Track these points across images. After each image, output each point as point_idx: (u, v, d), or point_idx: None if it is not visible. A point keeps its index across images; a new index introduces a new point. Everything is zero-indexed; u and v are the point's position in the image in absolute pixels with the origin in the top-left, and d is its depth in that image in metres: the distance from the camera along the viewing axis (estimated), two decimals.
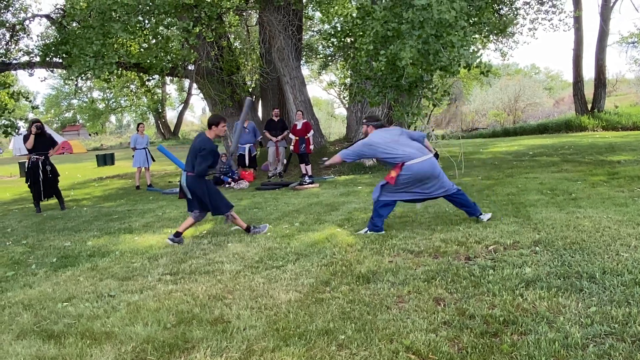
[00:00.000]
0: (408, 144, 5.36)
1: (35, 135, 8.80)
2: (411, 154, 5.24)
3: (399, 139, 5.39)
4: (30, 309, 3.68)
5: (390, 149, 5.29)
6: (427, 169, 5.24)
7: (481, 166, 11.27)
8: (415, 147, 5.35)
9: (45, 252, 5.64)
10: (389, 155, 5.29)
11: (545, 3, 15.25)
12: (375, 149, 5.35)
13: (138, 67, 12.88)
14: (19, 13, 13.39)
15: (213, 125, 5.59)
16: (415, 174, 5.21)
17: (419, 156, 5.25)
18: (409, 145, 5.35)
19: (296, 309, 3.33)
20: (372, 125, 5.60)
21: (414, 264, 4.13)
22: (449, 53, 6.96)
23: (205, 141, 5.50)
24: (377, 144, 5.33)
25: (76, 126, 61.04)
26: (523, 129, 24.62)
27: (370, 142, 5.39)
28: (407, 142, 5.39)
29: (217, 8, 11.93)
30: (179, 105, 52.70)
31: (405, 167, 5.20)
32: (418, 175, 5.22)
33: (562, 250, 4.16)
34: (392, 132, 5.50)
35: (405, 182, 5.27)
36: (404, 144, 5.33)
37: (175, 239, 5.60)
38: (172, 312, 3.41)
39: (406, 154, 5.24)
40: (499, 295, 3.30)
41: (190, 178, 5.55)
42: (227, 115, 14.15)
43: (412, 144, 5.38)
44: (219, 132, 5.60)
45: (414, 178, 5.23)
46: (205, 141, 5.50)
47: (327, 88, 41.84)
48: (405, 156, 5.23)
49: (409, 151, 5.26)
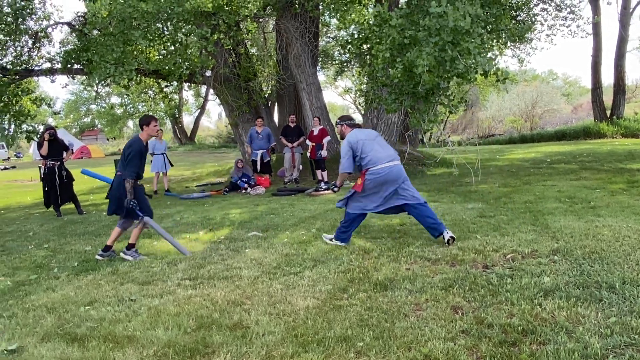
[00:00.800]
0: (381, 146, 5.43)
1: (49, 141, 9.01)
2: (380, 158, 5.28)
3: (375, 140, 5.47)
4: (53, 312, 3.76)
5: (365, 147, 5.33)
6: (394, 174, 5.25)
7: (498, 173, 11.20)
8: (386, 151, 5.40)
9: (66, 256, 5.75)
10: (362, 154, 5.32)
11: (563, 9, 15.15)
12: (356, 145, 5.36)
13: (157, 73, 13.07)
14: (41, 21, 13.69)
15: (144, 126, 5.40)
16: (380, 178, 5.22)
17: (387, 161, 5.29)
18: (381, 147, 5.41)
19: (314, 316, 3.36)
20: (346, 124, 5.69)
21: (431, 272, 4.13)
22: (466, 60, 6.96)
23: (134, 142, 5.36)
24: (356, 141, 5.37)
25: (94, 131, 61.87)
26: (540, 136, 24.41)
27: (350, 141, 5.42)
28: (381, 144, 5.46)
29: (235, 15, 12.07)
30: (195, 110, 53.18)
31: (370, 172, 5.25)
32: (384, 179, 5.23)
33: (581, 260, 4.13)
34: (367, 133, 5.56)
35: (372, 187, 5.27)
36: (376, 147, 5.38)
37: (105, 253, 5.46)
38: (192, 317, 3.46)
39: (375, 157, 5.28)
40: (518, 305, 3.29)
41: (118, 179, 5.38)
42: (244, 122, 14.31)
43: (385, 148, 5.44)
44: (150, 131, 5.42)
45: (379, 182, 5.23)
46: (133, 142, 5.36)
47: (342, 94, 41.97)
48: (374, 159, 5.26)
49: (380, 155, 5.30)
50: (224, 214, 8.10)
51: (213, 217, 7.77)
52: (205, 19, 11.64)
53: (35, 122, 12.78)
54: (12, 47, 12.49)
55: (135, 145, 5.29)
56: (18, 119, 11.86)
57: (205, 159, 26.08)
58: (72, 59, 11.97)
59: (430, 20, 6.77)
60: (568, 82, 56.26)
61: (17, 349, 3.14)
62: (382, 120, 12.39)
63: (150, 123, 5.38)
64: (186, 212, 8.56)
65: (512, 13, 13.47)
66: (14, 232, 7.86)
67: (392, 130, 12.33)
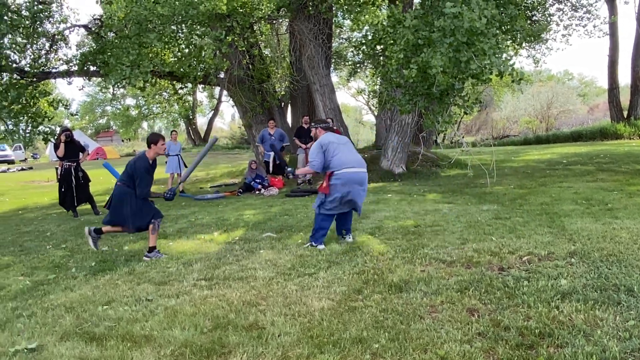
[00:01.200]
0: (350, 151, 5.59)
1: (65, 142, 9.14)
2: (345, 162, 5.40)
3: (345, 145, 5.61)
4: (72, 312, 3.81)
5: (333, 149, 5.43)
6: (359, 178, 5.44)
7: (513, 175, 11.11)
8: (354, 157, 5.55)
9: (84, 256, 5.83)
10: (331, 157, 5.42)
11: (579, 9, 15.00)
12: (327, 147, 5.45)
13: (172, 75, 13.17)
14: (58, 23, 13.87)
15: (152, 144, 5.50)
16: (346, 181, 5.35)
17: (353, 166, 5.44)
18: (350, 152, 5.56)
19: (330, 317, 3.37)
20: (320, 127, 5.78)
21: (447, 274, 4.12)
22: (481, 61, 6.92)
23: (138, 159, 5.48)
24: (327, 142, 5.47)
25: (109, 132, 62.51)
26: (556, 137, 24.17)
27: (322, 142, 5.51)
28: (350, 149, 5.61)
29: (249, 17, 12.14)
30: (209, 112, 53.48)
31: (336, 175, 5.37)
32: (349, 181, 5.36)
33: (598, 262, 4.09)
34: (338, 137, 5.66)
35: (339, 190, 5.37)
36: (346, 150, 5.52)
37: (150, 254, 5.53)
38: (208, 317, 3.49)
39: (342, 160, 5.39)
40: (534, 307, 3.27)
41: (118, 189, 5.51)
42: (257, 123, 14.36)
43: (352, 154, 5.59)
44: (158, 150, 5.52)
45: (345, 184, 5.35)
46: (137, 159, 5.49)
47: (355, 95, 41.93)
48: (340, 162, 5.38)
49: (346, 159, 5.43)
50: (238, 215, 8.14)
51: (227, 218, 7.82)
52: (219, 21, 11.71)
53: (52, 123, 12.90)
54: (30, 49, 12.66)
55: (139, 163, 5.40)
56: (35, 120, 12.02)
57: (218, 160, 26.23)
58: (89, 61, 12.11)
59: (445, 21, 6.75)
60: (584, 83, 55.64)
61: (37, 347, 3.19)
62: (395, 122, 12.36)
63: (158, 142, 5.52)
64: (200, 213, 8.62)
65: (528, 13, 13.37)
66: (32, 232, 7.98)
67: (405, 132, 12.29)
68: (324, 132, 5.74)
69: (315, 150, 5.53)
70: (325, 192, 5.46)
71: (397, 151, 12.33)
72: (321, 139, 5.59)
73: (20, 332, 3.49)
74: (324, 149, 5.47)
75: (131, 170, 5.40)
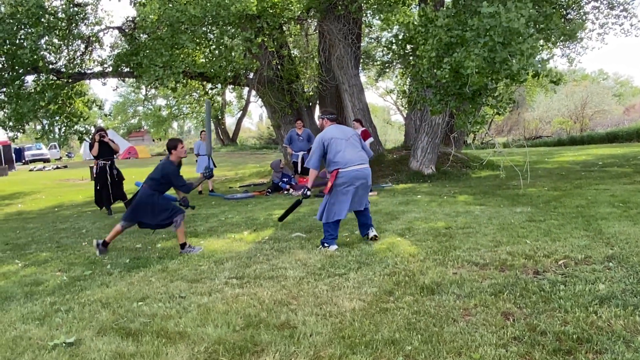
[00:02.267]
0: (354, 147, 5.44)
1: (100, 142, 9.36)
2: (351, 160, 5.32)
3: (350, 139, 5.46)
4: (108, 307, 3.90)
5: (336, 145, 5.34)
6: (363, 175, 5.37)
7: (547, 176, 10.88)
8: (359, 154, 5.43)
9: (118, 253, 5.95)
10: (333, 152, 5.33)
11: (615, 7, 14.58)
12: (329, 143, 5.36)
13: (202, 76, 13.35)
14: (93, 25, 14.21)
15: (172, 149, 5.76)
16: (350, 179, 5.31)
17: (358, 163, 5.35)
18: (354, 148, 5.42)
19: (361, 318, 3.35)
20: (327, 118, 5.68)
21: (480, 277, 4.06)
22: (519, 61, 6.78)
23: (165, 165, 5.71)
24: (328, 138, 5.38)
25: (141, 132, 63.72)
26: (591, 138, 23.60)
27: (323, 138, 5.42)
28: (354, 145, 5.47)
29: (279, 18, 12.20)
30: (237, 112, 53.94)
31: (340, 174, 5.31)
32: (353, 179, 5.31)
33: (637, 267, 3.97)
34: (345, 131, 5.55)
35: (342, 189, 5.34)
36: (350, 146, 5.39)
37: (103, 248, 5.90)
38: (240, 315, 3.52)
39: (346, 159, 5.31)
40: (572, 312, 3.19)
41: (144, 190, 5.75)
42: (286, 123, 14.43)
43: (357, 150, 5.44)
44: (179, 154, 5.78)
45: (349, 183, 5.31)
46: (165, 165, 5.72)
47: (383, 95, 41.71)
48: (343, 161, 5.31)
49: (350, 157, 5.33)
50: (267, 214, 8.19)
51: (257, 218, 7.87)
52: (249, 22, 11.81)
53: (87, 123, 13.22)
54: (65, 50, 13.01)
55: (168, 169, 5.66)
56: (71, 120, 12.35)
57: (247, 160, 26.46)
58: (123, 62, 12.37)
59: (480, 20, 6.65)
60: (619, 82, 54.12)
61: (75, 342, 3.27)
62: (425, 122, 12.25)
63: (178, 146, 5.75)
64: (230, 212, 8.71)
65: (563, 12, 13.09)
66: (67, 229, 8.19)
67: (436, 132, 12.17)
68: (330, 123, 5.63)
69: (314, 146, 5.47)
70: (325, 192, 5.43)
71: (426, 152, 12.22)
72: (323, 134, 5.48)
73: (59, 326, 3.58)
74: (325, 145, 5.38)
75: (159, 176, 5.71)
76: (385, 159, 13.56)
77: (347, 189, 5.36)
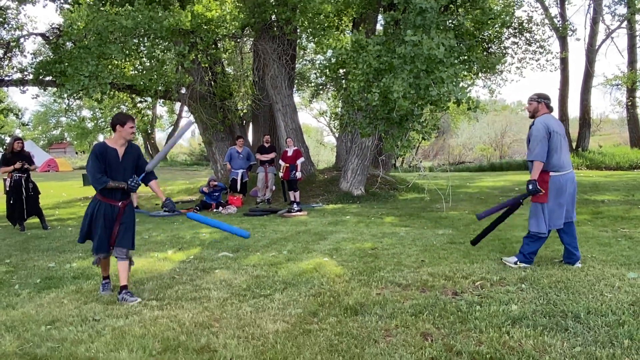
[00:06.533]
0: (567, 147, 4.97)
1: (16, 153, 8.77)
2: (566, 163, 4.89)
3: (565, 138, 4.92)
4: (13, 331, 3.62)
5: (557, 143, 4.78)
6: (573, 183, 4.94)
7: (468, 200, 11.38)
8: (568, 155, 4.95)
9: (28, 272, 5.56)
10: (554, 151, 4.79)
11: (533, 43, 15.70)
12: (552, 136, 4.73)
13: (131, 88, 12.94)
14: (14, 30, 13.46)
15: (118, 125, 4.37)
16: (562, 186, 4.85)
17: (569, 169, 4.92)
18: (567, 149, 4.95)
19: (284, 340, 3.32)
20: (544, 102, 4.93)
21: (402, 297, 4.15)
22: (439, 88, 7.13)
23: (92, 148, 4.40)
24: (553, 132, 4.75)
25: (63, 144, 60.56)
26: (509, 165, 24.99)
27: (547, 124, 4.78)
28: (566, 144, 4.98)
29: (214, 34, 12.11)
30: (168, 126, 52.65)
31: (552, 178, 4.83)
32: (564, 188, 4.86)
33: (547, 289, 4.21)
34: (559, 125, 4.89)
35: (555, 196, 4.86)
36: (565, 147, 4.89)
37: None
38: (157, 339, 3.38)
39: (563, 161, 4.88)
40: (486, 332, 3.32)
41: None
42: (218, 140, 14.25)
43: (567, 150, 4.94)
44: (125, 134, 4.41)
45: (561, 191, 4.85)
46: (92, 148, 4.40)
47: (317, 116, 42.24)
48: (561, 164, 4.86)
49: (567, 158, 4.94)
50: (194, 233, 7.99)
51: (183, 236, 7.66)
52: (183, 37, 11.63)
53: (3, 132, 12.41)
54: None
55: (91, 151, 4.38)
56: None
57: (176, 176, 25.78)
58: (45, 70, 11.77)
59: (405, 48, 6.93)
60: None
61: None
62: (356, 144, 12.51)
63: (126, 123, 4.40)
64: (155, 230, 8.41)
65: (484, 45, 13.90)
66: None
67: (365, 154, 12.44)
68: (546, 109, 4.89)
69: (541, 134, 4.67)
70: (543, 201, 4.82)
71: (356, 173, 12.45)
72: (545, 120, 4.73)
73: None
74: (549, 136, 4.66)
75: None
76: (316, 179, 13.67)
77: (560, 198, 4.83)
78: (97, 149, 4.38)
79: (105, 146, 4.41)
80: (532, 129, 4.84)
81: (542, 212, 4.89)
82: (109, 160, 4.38)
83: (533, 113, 4.97)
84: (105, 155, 4.37)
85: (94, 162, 4.32)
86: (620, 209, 8.78)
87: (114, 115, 4.51)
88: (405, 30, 7.11)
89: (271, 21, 12.91)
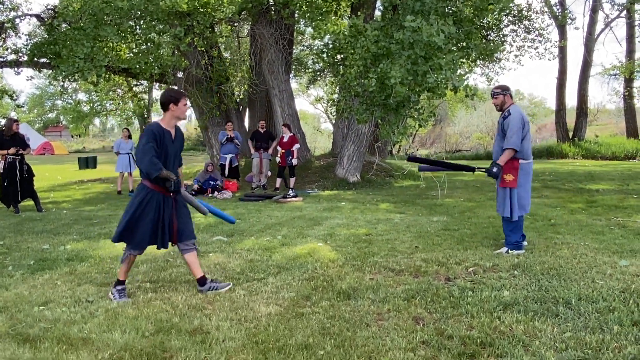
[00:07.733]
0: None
1: (11, 135, 8.72)
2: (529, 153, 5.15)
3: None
4: (5, 312, 3.62)
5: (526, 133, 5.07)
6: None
7: (463, 188, 11.40)
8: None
9: (22, 254, 5.55)
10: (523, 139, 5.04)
11: (531, 32, 15.60)
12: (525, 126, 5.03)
13: (127, 71, 12.84)
14: (8, 11, 13.29)
15: (172, 104, 3.86)
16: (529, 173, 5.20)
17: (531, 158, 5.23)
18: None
19: (276, 323, 3.33)
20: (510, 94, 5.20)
21: (395, 282, 4.16)
22: (437, 75, 7.10)
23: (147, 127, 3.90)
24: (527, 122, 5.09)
25: (59, 127, 60.27)
26: None
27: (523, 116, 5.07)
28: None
29: (210, 18, 11.99)
30: None
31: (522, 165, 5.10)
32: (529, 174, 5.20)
33: (539, 275, 4.23)
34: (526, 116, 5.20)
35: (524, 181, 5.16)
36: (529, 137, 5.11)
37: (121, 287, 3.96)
38: (150, 321, 3.39)
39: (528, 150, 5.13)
40: (477, 317, 3.34)
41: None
42: (213, 125, 14.19)
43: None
44: (179, 113, 3.91)
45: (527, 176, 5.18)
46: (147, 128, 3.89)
47: (314, 102, 42.10)
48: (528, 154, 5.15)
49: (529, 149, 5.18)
50: None
51: None
52: (179, 19, 11.52)
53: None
54: None
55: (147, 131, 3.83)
56: None
57: None
58: (40, 51, 11.65)
59: (404, 34, 6.88)
60: (534, 103, 57.82)
61: None
62: (352, 130, 12.48)
63: (180, 100, 3.89)
64: None
65: (483, 32, 13.82)
66: None
67: (361, 141, 12.42)
68: (511, 101, 5.17)
69: (518, 124, 4.92)
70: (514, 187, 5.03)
71: (352, 160, 12.44)
72: (520, 111, 5.02)
73: None
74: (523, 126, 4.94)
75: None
76: (312, 166, 13.66)
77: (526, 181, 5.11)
78: (156, 128, 3.82)
79: (162, 128, 3.87)
80: (510, 118, 5.03)
81: (509, 197, 5.10)
82: (165, 144, 3.87)
83: (501, 106, 5.22)
84: (162, 137, 3.85)
85: (152, 144, 3.74)
86: (615, 198, 8.81)
87: (164, 92, 4.00)
88: (404, 15, 7.05)
89: (268, 4, 12.79)
